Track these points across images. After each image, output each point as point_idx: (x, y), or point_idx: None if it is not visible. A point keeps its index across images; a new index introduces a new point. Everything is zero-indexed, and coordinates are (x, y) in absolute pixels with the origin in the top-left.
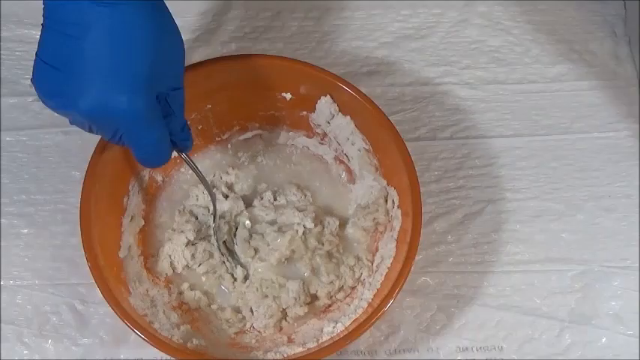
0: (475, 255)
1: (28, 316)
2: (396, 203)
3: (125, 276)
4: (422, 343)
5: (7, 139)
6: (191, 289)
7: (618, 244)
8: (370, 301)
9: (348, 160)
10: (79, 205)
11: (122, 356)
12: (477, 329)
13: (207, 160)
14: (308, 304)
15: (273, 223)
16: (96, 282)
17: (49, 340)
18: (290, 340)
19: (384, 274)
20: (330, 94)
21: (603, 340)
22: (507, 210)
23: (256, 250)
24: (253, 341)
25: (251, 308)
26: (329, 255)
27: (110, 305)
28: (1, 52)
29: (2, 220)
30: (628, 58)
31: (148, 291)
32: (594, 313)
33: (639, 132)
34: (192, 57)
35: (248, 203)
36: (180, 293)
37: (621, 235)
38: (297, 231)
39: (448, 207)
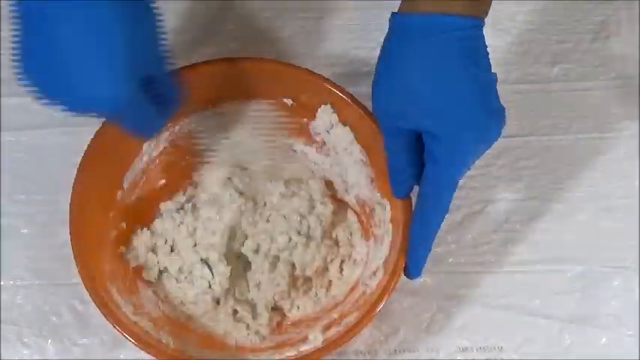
0: (475, 255)
1: (28, 316)
2: (388, 217)
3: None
4: (422, 343)
5: (7, 139)
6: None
7: (618, 244)
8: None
9: (345, 170)
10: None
11: (122, 356)
12: (476, 329)
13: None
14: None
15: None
16: (85, 287)
17: (49, 340)
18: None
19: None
20: (330, 103)
21: (603, 340)
22: (507, 210)
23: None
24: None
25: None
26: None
27: (100, 309)
28: (1, 52)
29: (2, 220)
30: (628, 58)
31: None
32: (594, 313)
33: (639, 132)
34: (192, 57)
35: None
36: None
37: (621, 235)
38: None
39: None
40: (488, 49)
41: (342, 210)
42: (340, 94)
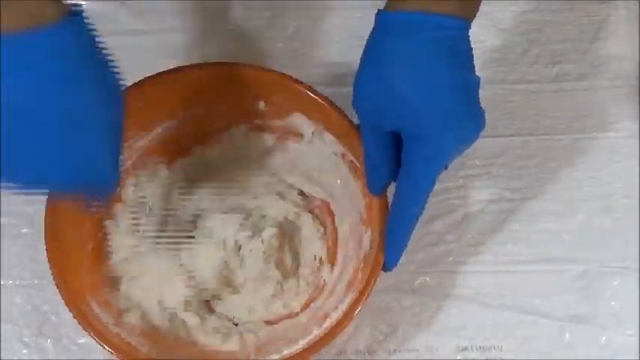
0: (475, 255)
1: (28, 316)
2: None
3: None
4: (422, 343)
5: None
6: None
7: (618, 244)
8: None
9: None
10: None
11: None
12: (476, 329)
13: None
14: None
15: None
16: (65, 302)
17: (49, 340)
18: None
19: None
20: (303, 109)
21: (603, 340)
22: (507, 210)
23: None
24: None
25: None
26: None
27: (80, 323)
28: None
29: (2, 220)
30: (628, 58)
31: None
32: (594, 313)
33: (639, 132)
34: (192, 57)
35: None
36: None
37: (621, 236)
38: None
39: (448, 207)
40: (489, 48)
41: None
42: (315, 97)
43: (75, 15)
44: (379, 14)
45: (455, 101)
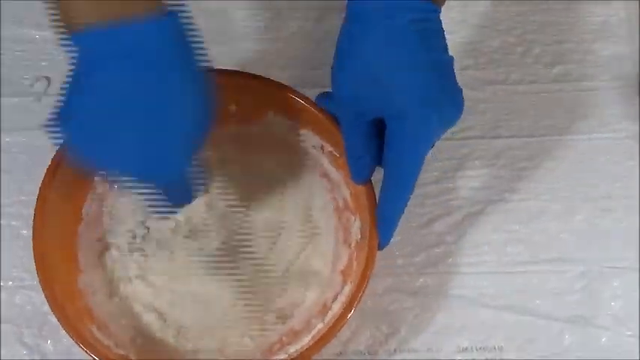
0: (475, 255)
1: (28, 317)
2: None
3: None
4: (422, 344)
5: (7, 139)
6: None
7: (618, 244)
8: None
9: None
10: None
11: None
12: (477, 329)
13: None
14: None
15: None
16: (55, 313)
17: (49, 341)
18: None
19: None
20: (276, 107)
21: (603, 340)
22: (507, 210)
23: None
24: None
25: None
26: None
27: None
28: (1, 52)
29: (2, 221)
30: (628, 58)
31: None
32: (594, 313)
33: (639, 132)
34: None
35: None
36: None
37: (621, 236)
38: None
39: (447, 208)
40: (488, 49)
41: None
42: (288, 94)
43: (171, 11)
44: (349, 4)
45: (430, 78)
